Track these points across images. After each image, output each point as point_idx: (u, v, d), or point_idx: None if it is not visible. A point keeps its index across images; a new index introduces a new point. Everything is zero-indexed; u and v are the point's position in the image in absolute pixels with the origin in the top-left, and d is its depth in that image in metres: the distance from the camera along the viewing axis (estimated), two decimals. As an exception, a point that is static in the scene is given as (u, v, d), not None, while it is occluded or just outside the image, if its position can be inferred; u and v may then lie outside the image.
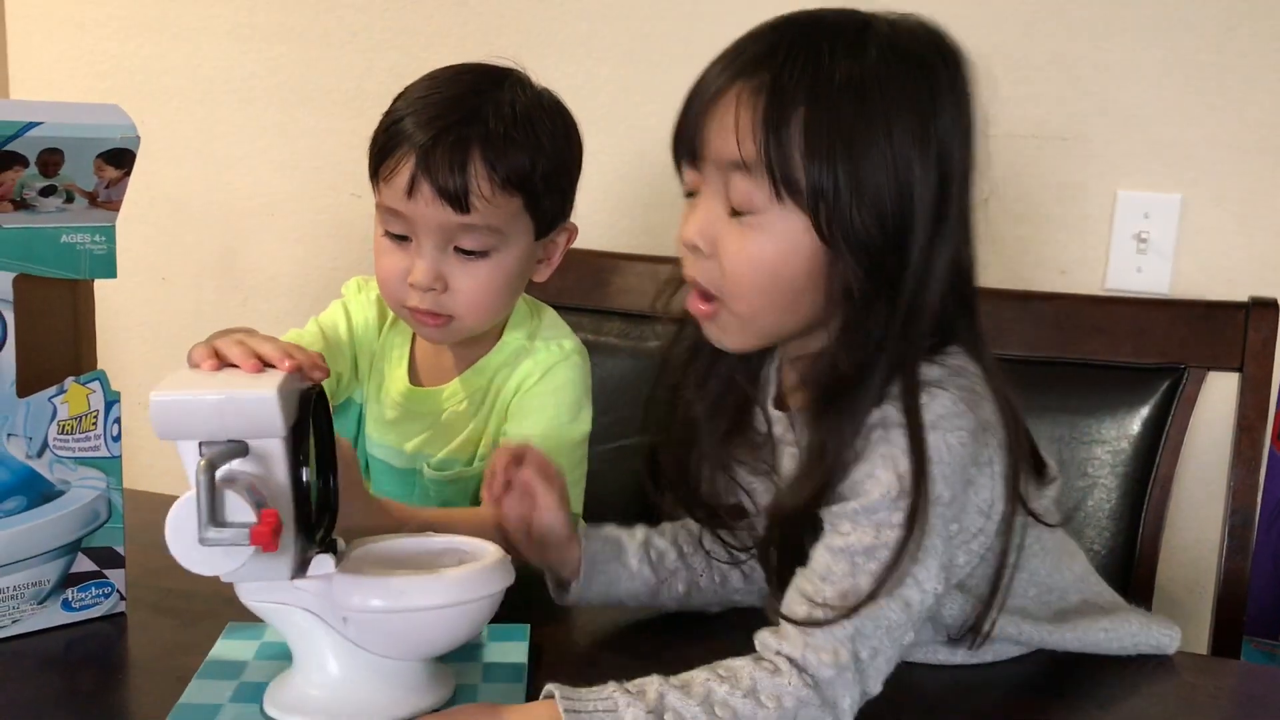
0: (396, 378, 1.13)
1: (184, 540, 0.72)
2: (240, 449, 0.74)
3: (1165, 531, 1.31)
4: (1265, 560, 1.39)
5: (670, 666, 0.88)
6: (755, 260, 0.80)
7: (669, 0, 1.59)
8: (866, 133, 0.77)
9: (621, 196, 1.64)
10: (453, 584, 0.77)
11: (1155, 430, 1.31)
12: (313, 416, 0.79)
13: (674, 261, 0.88)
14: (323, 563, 0.79)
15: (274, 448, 0.75)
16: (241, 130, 1.81)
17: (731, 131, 0.79)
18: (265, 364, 0.79)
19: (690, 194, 0.85)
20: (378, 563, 0.81)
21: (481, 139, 1.00)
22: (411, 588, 0.77)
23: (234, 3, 1.78)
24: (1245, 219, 1.42)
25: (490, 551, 0.81)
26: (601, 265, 1.56)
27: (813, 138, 0.77)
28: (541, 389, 1.08)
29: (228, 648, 0.89)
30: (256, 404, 0.74)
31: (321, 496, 0.80)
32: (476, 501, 1.08)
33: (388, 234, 1.05)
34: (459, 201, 1.00)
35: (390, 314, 1.15)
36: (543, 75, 1.14)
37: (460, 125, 1.00)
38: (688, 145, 0.83)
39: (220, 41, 1.79)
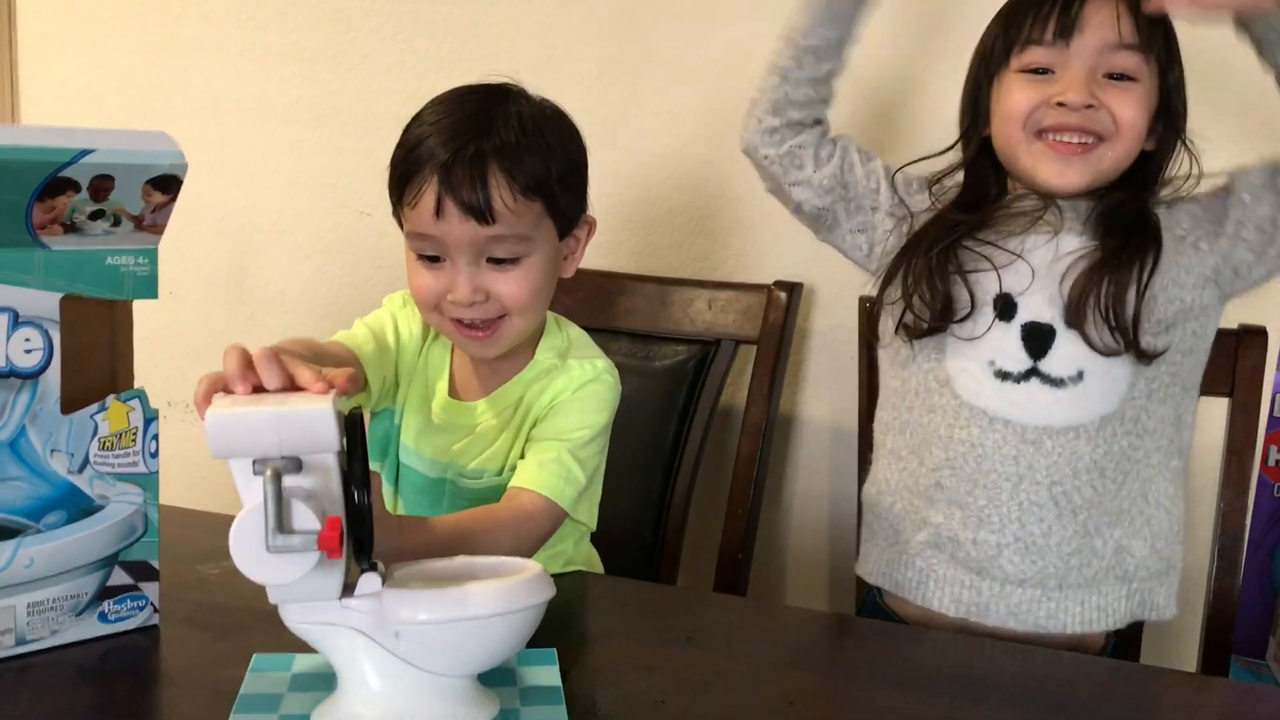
0: (439, 390, 1.17)
1: (249, 549, 0.73)
2: (295, 464, 0.75)
3: (1157, 552, 1.35)
4: (1253, 580, 1.43)
5: (696, 685, 0.92)
6: (1140, 108, 1.13)
7: (674, 24, 1.63)
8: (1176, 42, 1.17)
9: (628, 218, 1.68)
10: (501, 593, 0.79)
11: (1148, 453, 1.36)
12: (358, 434, 0.80)
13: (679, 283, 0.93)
14: (370, 581, 0.80)
15: (328, 462, 0.76)
16: (252, 148, 1.83)
17: (1115, 22, 1.12)
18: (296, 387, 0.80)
19: (1038, 70, 1.15)
20: (421, 581, 0.83)
21: (496, 152, 1.05)
22: (463, 598, 0.78)
23: (247, 24, 1.80)
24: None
25: (529, 566, 0.83)
26: (608, 286, 1.60)
27: (1169, 34, 1.15)
28: (574, 398, 1.13)
29: (259, 681, 0.88)
30: (312, 419, 0.75)
31: (360, 515, 0.81)
32: None
33: (420, 257, 1.09)
34: (484, 215, 1.04)
35: (432, 330, 1.19)
36: (550, 96, 1.18)
37: (475, 141, 1.05)
38: (1065, 31, 1.12)
39: (233, 61, 1.82)
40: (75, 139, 0.86)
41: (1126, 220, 1.14)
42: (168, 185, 0.92)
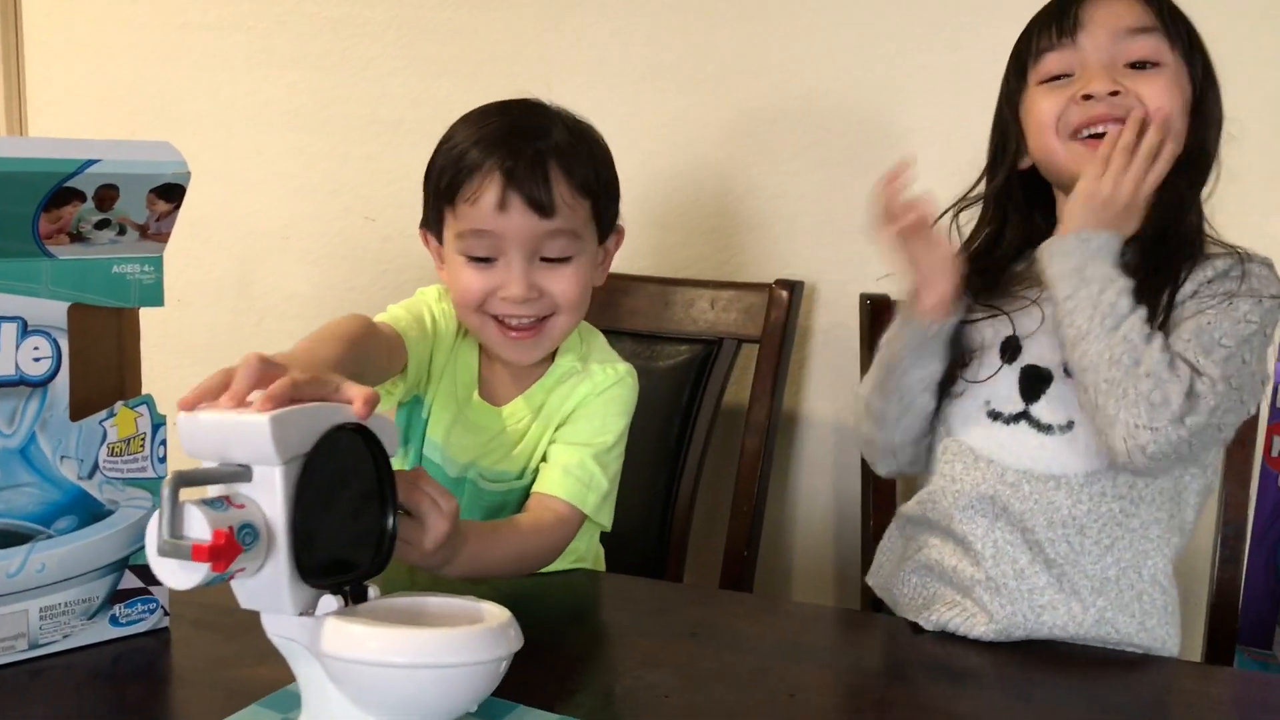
0: (471, 391, 1.19)
1: (152, 549, 0.72)
2: (244, 473, 0.74)
3: (1161, 544, 1.36)
4: (1257, 571, 1.44)
5: (701, 678, 0.93)
6: (1169, 92, 1.08)
7: (676, 29, 1.64)
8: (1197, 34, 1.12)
9: (633, 220, 1.68)
10: (419, 643, 0.73)
11: (1150, 445, 1.36)
12: (373, 455, 0.79)
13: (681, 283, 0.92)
14: (327, 604, 0.77)
15: (273, 476, 0.73)
16: (258, 155, 1.84)
17: (1123, 10, 1.10)
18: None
19: (1056, 78, 1.12)
20: (392, 616, 0.78)
21: (554, 151, 1.10)
22: (370, 639, 0.74)
23: (251, 31, 1.82)
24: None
25: (490, 617, 0.77)
26: (612, 286, 1.59)
27: (1186, 23, 1.11)
28: (597, 402, 1.16)
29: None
30: (249, 428, 0.73)
31: (365, 538, 0.80)
32: (519, 509, 1.14)
33: (470, 259, 1.11)
34: (546, 209, 1.08)
35: (463, 328, 1.20)
36: (554, 101, 1.20)
37: (534, 141, 1.10)
38: (1068, 30, 1.11)
39: (237, 69, 1.83)
40: (80, 149, 0.87)
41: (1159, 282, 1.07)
42: (171, 194, 0.93)
